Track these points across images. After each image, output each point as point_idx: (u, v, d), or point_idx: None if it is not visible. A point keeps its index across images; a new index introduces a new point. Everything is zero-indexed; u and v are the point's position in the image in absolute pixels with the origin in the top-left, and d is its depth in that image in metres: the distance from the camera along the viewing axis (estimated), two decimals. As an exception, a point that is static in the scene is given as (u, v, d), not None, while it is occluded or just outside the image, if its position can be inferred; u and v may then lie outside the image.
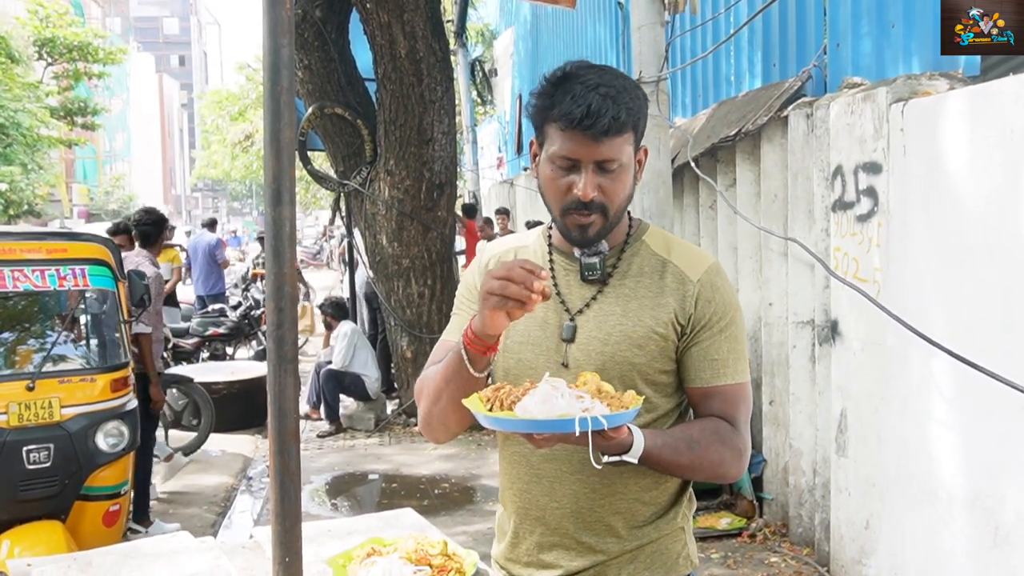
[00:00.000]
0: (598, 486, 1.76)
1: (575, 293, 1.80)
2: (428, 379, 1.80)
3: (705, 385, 1.76)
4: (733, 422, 1.76)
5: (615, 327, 1.75)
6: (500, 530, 1.94)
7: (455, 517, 5.88)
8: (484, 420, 1.53)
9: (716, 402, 1.76)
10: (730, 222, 5.81)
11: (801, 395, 4.97)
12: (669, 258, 1.80)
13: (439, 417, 1.79)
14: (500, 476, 1.92)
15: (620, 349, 1.73)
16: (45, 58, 25.16)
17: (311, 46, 8.13)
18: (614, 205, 1.71)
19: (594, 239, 1.73)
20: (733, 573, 4.72)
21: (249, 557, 1.80)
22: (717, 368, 1.76)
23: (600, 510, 1.77)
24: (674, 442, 1.68)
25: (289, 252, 1.52)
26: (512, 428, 1.51)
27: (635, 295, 1.77)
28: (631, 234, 1.84)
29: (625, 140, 1.68)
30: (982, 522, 3.44)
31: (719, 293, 1.78)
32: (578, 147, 1.66)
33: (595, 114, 1.62)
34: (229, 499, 6.58)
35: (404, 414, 8.40)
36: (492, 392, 1.58)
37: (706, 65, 6.79)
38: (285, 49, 1.49)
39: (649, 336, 1.74)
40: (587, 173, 1.67)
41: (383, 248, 8.17)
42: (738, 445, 1.75)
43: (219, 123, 27.89)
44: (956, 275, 3.57)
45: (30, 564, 1.76)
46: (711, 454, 1.70)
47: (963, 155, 3.50)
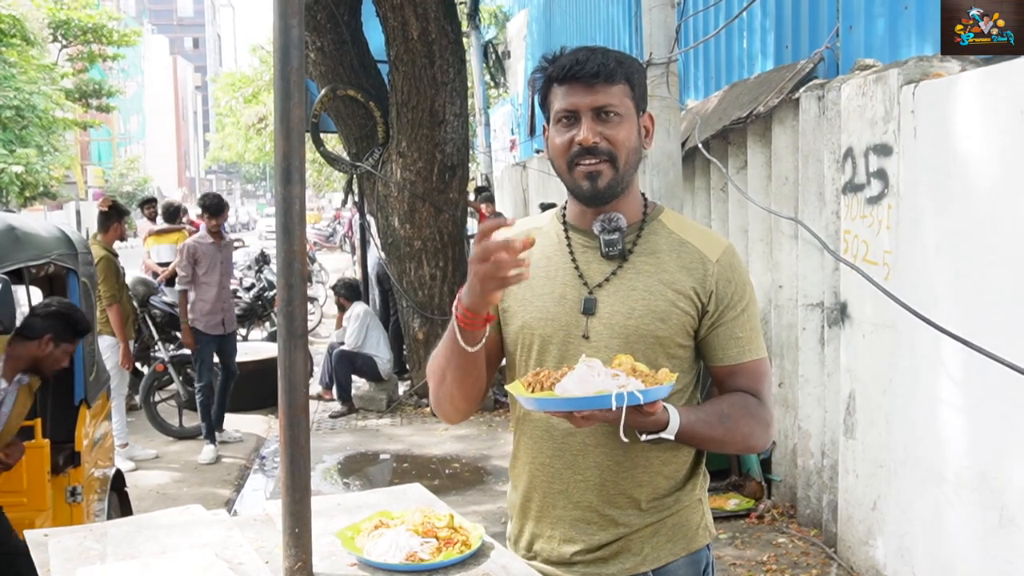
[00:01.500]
0: (621, 459, 1.80)
1: (595, 269, 1.82)
2: (434, 360, 1.85)
3: (732, 363, 1.82)
4: (759, 395, 1.83)
5: (638, 301, 1.78)
6: (517, 509, 1.95)
7: (466, 496, 5.94)
8: (526, 402, 1.60)
9: (742, 378, 1.82)
10: (741, 205, 5.82)
11: (810, 377, 4.99)
12: (686, 238, 1.84)
13: (447, 397, 1.83)
14: (516, 455, 1.94)
15: (644, 322, 1.77)
16: (60, 40, 25.27)
17: (324, 28, 8.14)
18: (621, 153, 1.75)
19: (605, 192, 1.76)
20: (741, 554, 4.75)
21: (260, 529, 1.83)
22: (742, 346, 1.82)
23: (623, 483, 1.80)
24: (707, 417, 1.75)
25: (299, 230, 1.55)
26: (553, 407, 1.57)
27: (655, 271, 1.80)
28: (647, 213, 1.87)
29: (621, 91, 1.74)
30: (988, 503, 3.46)
31: (737, 273, 1.83)
32: (574, 97, 1.74)
33: (583, 61, 1.72)
34: (243, 477, 6.65)
35: (416, 395, 8.45)
36: (532, 376, 1.64)
37: (718, 47, 6.78)
38: (295, 30, 1.51)
39: (670, 310, 1.77)
40: (586, 120, 1.73)
41: (395, 230, 8.20)
42: (765, 417, 1.82)
43: (233, 105, 27.90)
44: (966, 257, 3.57)
45: (47, 534, 1.80)
46: (742, 427, 1.78)
47: (974, 137, 3.50)
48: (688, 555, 1.86)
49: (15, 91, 18.78)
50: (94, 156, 45.58)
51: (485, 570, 1.63)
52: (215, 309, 6.90)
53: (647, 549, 1.83)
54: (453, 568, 1.63)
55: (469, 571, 1.63)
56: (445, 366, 1.78)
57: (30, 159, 19.35)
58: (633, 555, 1.83)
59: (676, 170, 5.07)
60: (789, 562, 4.62)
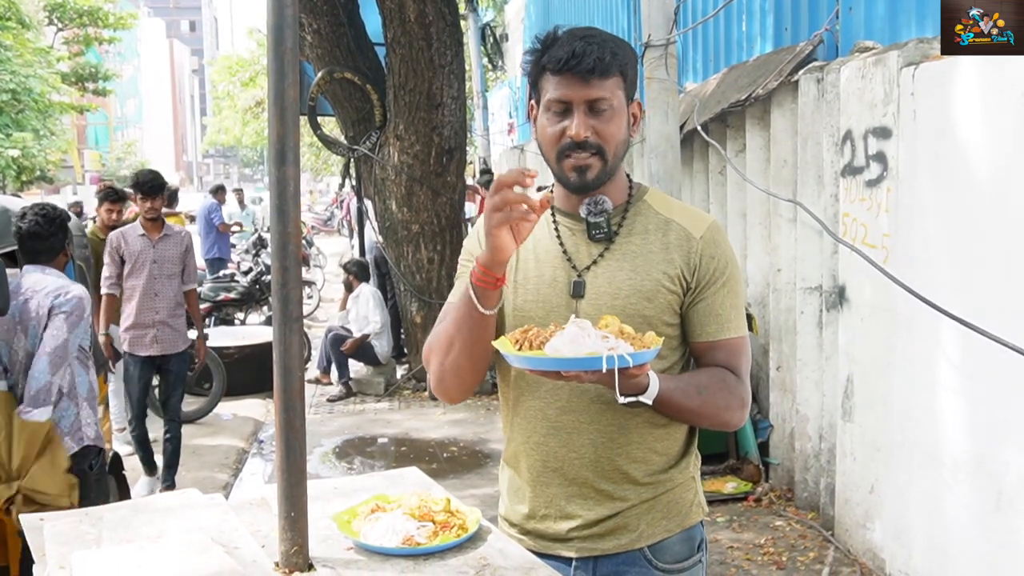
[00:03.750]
0: (615, 435, 1.82)
1: (582, 251, 1.84)
2: (437, 335, 1.85)
3: (711, 339, 1.83)
4: (737, 372, 1.84)
5: (625, 282, 1.80)
6: (510, 489, 1.96)
7: (463, 480, 5.94)
8: (514, 360, 1.60)
9: (720, 354, 1.83)
10: (739, 188, 5.80)
11: (808, 361, 4.99)
12: (671, 216, 1.86)
13: (452, 370, 1.82)
14: (509, 436, 1.95)
15: (631, 303, 1.79)
16: (55, 23, 25.15)
17: (320, 10, 8.10)
18: (610, 147, 1.76)
19: (592, 183, 1.78)
20: (738, 537, 4.76)
21: (256, 513, 1.83)
22: (721, 323, 1.83)
23: (617, 458, 1.82)
24: (684, 386, 1.76)
25: (294, 212, 1.54)
26: (543, 367, 1.57)
27: (642, 251, 1.82)
28: (633, 195, 1.89)
29: (614, 84, 1.74)
30: (985, 486, 3.46)
31: (720, 249, 1.84)
32: (568, 89, 1.73)
33: (580, 55, 1.71)
34: (240, 462, 6.66)
35: (414, 379, 8.46)
36: (520, 334, 1.64)
37: (717, 30, 6.74)
38: (289, 9, 1.50)
39: (658, 290, 1.80)
40: (579, 114, 1.73)
41: (392, 213, 8.19)
42: (741, 394, 1.83)
43: (230, 89, 27.81)
44: (964, 240, 3.56)
45: (43, 519, 1.79)
46: (718, 400, 1.79)
47: (973, 119, 3.48)
48: (682, 531, 1.89)
49: (11, 75, 18.70)
50: (91, 140, 45.46)
51: (482, 554, 1.63)
52: (141, 323, 5.54)
53: (643, 525, 1.85)
54: (450, 552, 1.63)
55: (466, 555, 1.62)
56: (454, 334, 1.78)
57: (27, 143, 19.28)
58: (629, 531, 1.85)
59: (675, 153, 5.05)
60: (787, 545, 4.63)
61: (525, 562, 1.61)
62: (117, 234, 5.61)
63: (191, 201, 20.99)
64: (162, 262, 5.59)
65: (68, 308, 3.59)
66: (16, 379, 3.61)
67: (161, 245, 5.60)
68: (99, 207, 6.75)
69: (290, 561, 1.57)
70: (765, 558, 4.50)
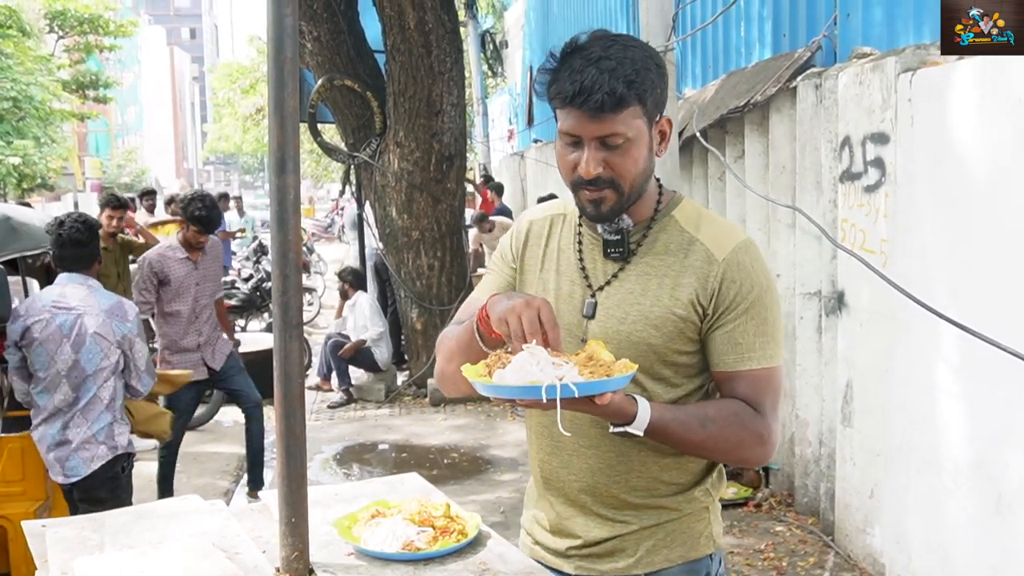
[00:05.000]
0: (614, 462, 1.76)
1: (599, 269, 1.78)
2: (448, 337, 1.81)
3: (729, 369, 1.71)
4: (757, 407, 1.70)
5: (632, 306, 1.72)
6: (528, 496, 1.98)
7: (464, 486, 5.95)
8: (475, 385, 1.56)
9: (740, 386, 1.71)
10: (738, 194, 5.81)
11: (808, 366, 4.99)
12: (697, 235, 1.74)
13: (451, 376, 1.79)
14: (528, 447, 1.95)
15: (636, 329, 1.71)
16: (56, 31, 25.19)
17: (320, 18, 8.12)
18: (625, 180, 1.66)
19: (608, 215, 1.69)
20: (739, 542, 4.76)
21: (257, 519, 1.84)
22: (741, 352, 1.70)
23: (615, 486, 1.77)
24: (685, 418, 1.65)
25: (294, 220, 1.55)
26: (486, 392, 1.53)
27: (657, 273, 1.73)
28: (659, 208, 1.78)
29: (630, 114, 1.61)
30: (985, 491, 3.47)
31: (744, 272, 1.70)
32: (577, 124, 1.63)
33: (587, 90, 1.58)
34: (241, 468, 6.65)
35: (414, 385, 8.46)
36: (493, 359, 1.60)
37: (716, 36, 6.76)
38: (289, 19, 1.51)
39: (667, 317, 1.70)
40: (589, 149, 1.64)
41: (393, 220, 8.20)
42: (759, 430, 1.69)
43: (230, 96, 27.88)
44: (962, 246, 3.57)
45: (44, 525, 1.80)
46: (727, 435, 1.67)
47: (971, 125, 3.49)
48: (685, 563, 1.79)
49: (12, 82, 18.71)
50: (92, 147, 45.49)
51: (482, 559, 1.64)
52: (187, 347, 5.45)
53: (641, 551, 1.78)
54: (450, 557, 1.64)
55: (466, 560, 1.63)
56: (455, 350, 1.74)
57: (27, 151, 19.29)
58: (627, 556, 1.79)
59: (674, 160, 5.07)
60: (787, 550, 4.64)
61: (525, 567, 1.62)
62: (156, 258, 5.36)
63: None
64: (203, 283, 5.49)
65: (137, 330, 3.90)
66: (47, 387, 3.76)
67: (203, 265, 5.48)
68: (101, 213, 6.79)
69: (291, 567, 1.58)
70: (765, 563, 4.50)
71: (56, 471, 3.80)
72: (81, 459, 3.78)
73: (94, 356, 3.76)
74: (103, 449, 3.81)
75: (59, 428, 3.78)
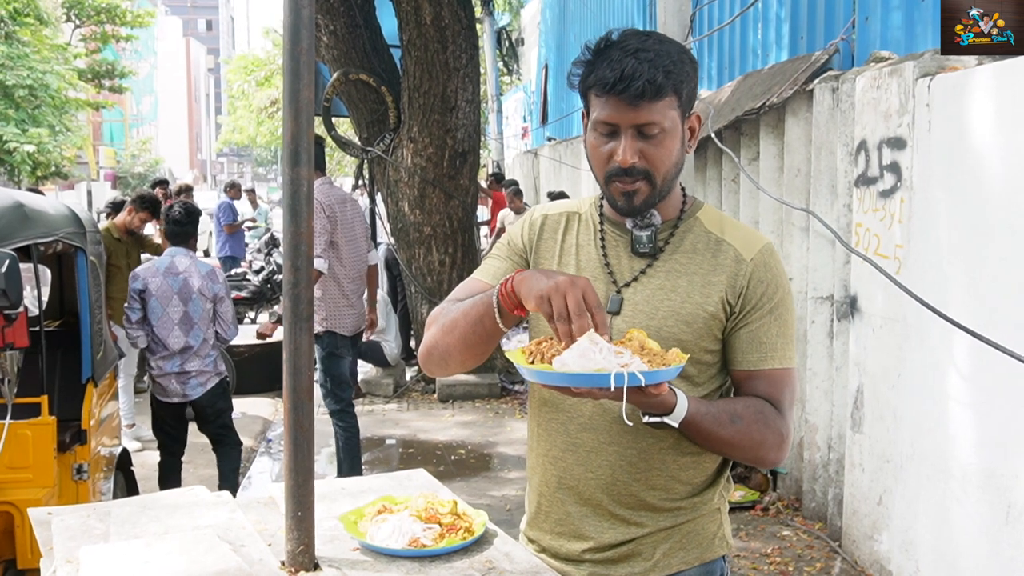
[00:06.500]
0: (635, 459, 1.74)
1: (624, 265, 1.77)
2: (447, 313, 1.77)
3: (752, 368, 1.73)
4: (778, 406, 1.72)
5: (663, 302, 1.72)
6: (529, 502, 1.92)
7: (471, 484, 5.94)
8: (524, 372, 1.53)
9: (762, 385, 1.72)
10: (752, 196, 5.79)
11: (818, 370, 4.97)
12: (723, 236, 1.76)
13: (443, 349, 1.76)
14: (531, 445, 1.89)
15: (667, 324, 1.71)
16: (73, 20, 25.30)
17: (337, 11, 8.12)
18: (659, 172, 1.67)
19: (641, 208, 1.70)
20: (745, 545, 4.75)
21: (263, 512, 1.83)
22: (764, 351, 1.72)
23: (635, 484, 1.75)
24: (717, 412, 1.66)
25: (307, 212, 1.54)
26: (550, 381, 1.50)
27: (686, 271, 1.73)
28: (685, 210, 1.80)
29: (667, 104, 1.64)
30: (995, 500, 3.44)
31: (771, 273, 1.74)
32: (615, 112, 1.64)
33: (629, 77, 1.60)
34: (248, 460, 6.67)
35: (423, 380, 8.46)
36: (535, 345, 1.58)
37: (733, 37, 6.73)
38: (306, 10, 1.50)
39: (697, 314, 1.71)
40: (626, 138, 1.64)
41: (405, 215, 8.20)
42: (780, 429, 1.70)
43: (245, 88, 27.93)
44: (978, 253, 3.55)
45: (51, 513, 1.80)
46: (753, 432, 1.68)
47: (988, 131, 3.47)
48: (701, 565, 1.80)
49: (28, 70, 18.79)
50: (106, 137, 45.64)
51: (488, 557, 1.63)
52: None
53: (658, 555, 1.77)
54: (456, 554, 1.63)
55: (472, 558, 1.62)
56: (461, 322, 1.71)
57: (42, 139, 19.37)
58: (643, 559, 1.77)
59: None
60: (793, 555, 4.62)
61: (531, 567, 1.61)
62: None
63: (205, 199, 21.03)
64: None
65: (225, 291, 5.14)
66: (160, 332, 4.93)
67: None
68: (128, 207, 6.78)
69: (296, 560, 1.57)
70: (772, 567, 4.49)
71: (175, 392, 5.00)
72: (199, 382, 5.03)
73: (198, 308, 4.95)
74: (212, 376, 5.08)
75: (178, 364, 4.95)
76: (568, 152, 12.34)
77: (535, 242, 1.86)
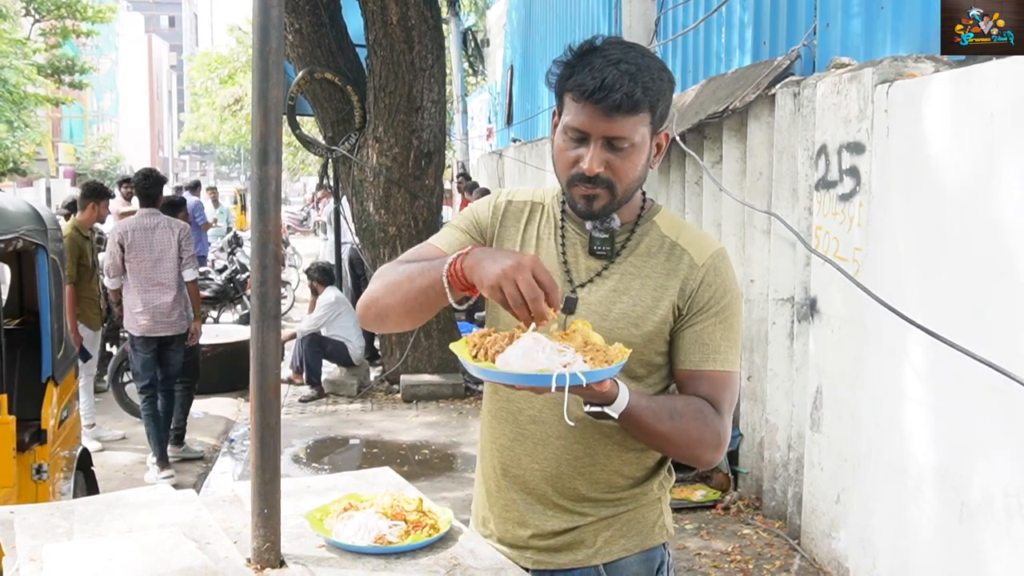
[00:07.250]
0: (581, 454, 1.77)
1: (581, 265, 1.79)
2: (395, 272, 1.76)
3: (694, 368, 1.75)
4: (717, 407, 1.74)
5: (615, 304, 1.75)
6: (477, 491, 1.96)
7: (435, 483, 5.95)
8: (469, 367, 1.54)
9: (703, 385, 1.75)
10: (715, 199, 5.85)
11: (779, 371, 5.04)
12: (678, 241, 1.78)
13: (381, 307, 1.77)
14: (482, 430, 1.92)
15: (618, 326, 1.73)
16: (33, 14, 24.91)
17: (302, 10, 8.09)
18: (622, 184, 1.69)
19: (599, 213, 1.72)
20: (706, 544, 4.80)
21: (229, 509, 1.83)
22: (707, 352, 1.74)
23: (578, 479, 1.79)
24: (657, 407, 1.67)
25: (275, 211, 1.55)
26: (492, 378, 1.52)
27: (640, 274, 1.76)
28: (642, 214, 1.82)
29: (640, 120, 1.65)
30: (949, 498, 3.52)
31: (720, 277, 1.76)
32: (588, 120, 1.64)
33: (608, 88, 1.60)
34: (211, 460, 6.63)
35: (387, 381, 8.45)
36: (479, 338, 1.58)
37: (696, 42, 6.80)
38: (275, 10, 1.51)
39: (648, 317, 1.74)
40: (595, 147, 1.65)
41: (370, 215, 8.18)
42: (717, 429, 1.72)
43: (208, 86, 27.68)
44: (934, 256, 3.62)
45: (13, 511, 1.79)
46: (691, 430, 1.70)
47: (945, 137, 3.54)
48: (641, 552, 1.84)
49: (-14, 65, 18.51)
50: (66, 133, 44.99)
51: (453, 553, 1.64)
52: None
53: (600, 542, 1.81)
54: (421, 551, 1.64)
55: (437, 554, 1.64)
56: (406, 285, 1.71)
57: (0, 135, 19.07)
58: (586, 547, 1.81)
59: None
60: (753, 553, 4.68)
61: (496, 563, 1.63)
62: None
63: (166, 197, 20.67)
64: None
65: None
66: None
67: None
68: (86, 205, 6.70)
69: (262, 558, 1.58)
70: (732, 566, 4.54)
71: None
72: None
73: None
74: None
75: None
76: (533, 153, 12.37)
77: (497, 226, 1.88)
